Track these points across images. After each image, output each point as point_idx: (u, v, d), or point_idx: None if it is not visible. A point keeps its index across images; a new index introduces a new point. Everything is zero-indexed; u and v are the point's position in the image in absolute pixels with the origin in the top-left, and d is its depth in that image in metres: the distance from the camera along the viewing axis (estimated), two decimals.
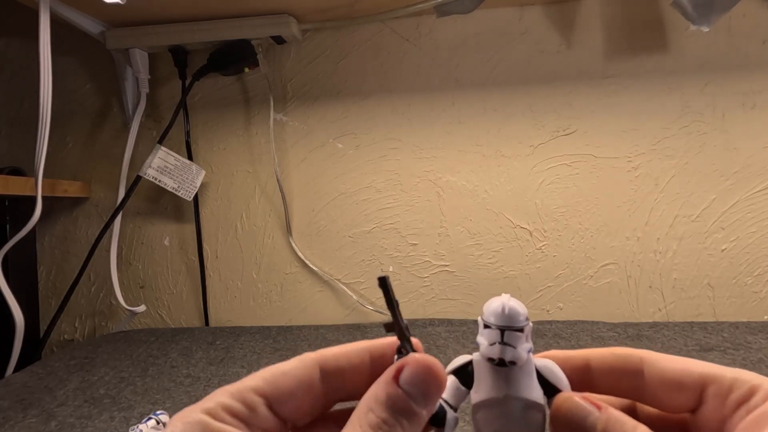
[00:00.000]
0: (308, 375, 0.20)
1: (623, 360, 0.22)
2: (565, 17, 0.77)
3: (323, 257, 0.82)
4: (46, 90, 0.62)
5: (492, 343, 0.21)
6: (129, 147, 0.81)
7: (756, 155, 0.74)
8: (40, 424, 0.48)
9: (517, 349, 0.21)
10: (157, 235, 0.85)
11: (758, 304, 0.74)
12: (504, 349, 0.21)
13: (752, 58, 0.73)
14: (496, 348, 0.21)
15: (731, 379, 0.19)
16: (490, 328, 0.21)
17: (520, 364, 0.21)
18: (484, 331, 0.22)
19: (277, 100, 0.82)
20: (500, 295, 0.22)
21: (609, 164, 0.76)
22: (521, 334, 0.21)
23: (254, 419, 0.19)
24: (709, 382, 0.20)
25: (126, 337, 0.73)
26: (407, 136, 0.80)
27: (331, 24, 0.78)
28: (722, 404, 0.19)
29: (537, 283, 0.79)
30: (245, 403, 0.19)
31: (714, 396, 0.19)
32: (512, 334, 0.21)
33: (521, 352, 0.21)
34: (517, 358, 0.21)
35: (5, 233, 0.74)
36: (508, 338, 0.21)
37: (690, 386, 0.20)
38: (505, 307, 0.21)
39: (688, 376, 0.20)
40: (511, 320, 0.21)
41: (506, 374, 0.21)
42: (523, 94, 0.78)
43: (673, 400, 0.20)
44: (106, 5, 0.68)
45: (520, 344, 0.21)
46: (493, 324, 0.21)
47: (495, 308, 0.21)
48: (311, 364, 0.21)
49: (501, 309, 0.21)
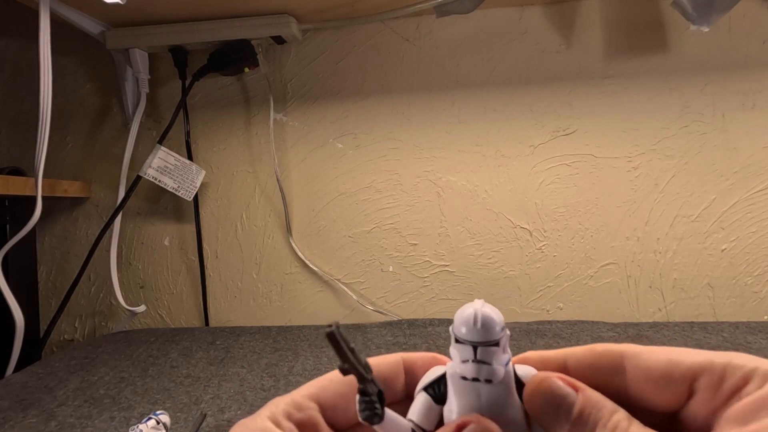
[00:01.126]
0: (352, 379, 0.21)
1: (602, 357, 0.20)
2: (565, 17, 0.77)
3: (323, 257, 0.82)
4: (46, 90, 0.62)
5: (465, 360, 0.19)
6: (129, 147, 0.80)
7: (756, 155, 0.74)
8: (40, 424, 0.48)
9: (493, 365, 0.19)
10: (157, 235, 0.85)
11: (758, 304, 0.74)
12: (478, 368, 0.19)
13: (752, 58, 0.73)
14: (469, 366, 0.19)
15: (722, 366, 0.18)
16: (461, 343, 0.19)
17: (496, 381, 0.19)
18: (456, 345, 0.19)
19: (277, 100, 0.82)
20: (472, 302, 0.20)
21: (609, 164, 0.76)
22: (497, 348, 0.19)
23: (309, 424, 0.20)
24: (698, 373, 0.18)
25: (126, 337, 0.73)
26: (407, 136, 0.80)
27: (331, 24, 0.79)
28: (714, 395, 0.18)
29: (537, 283, 0.79)
30: (301, 409, 0.20)
31: (705, 388, 0.18)
32: (487, 350, 0.19)
33: (497, 368, 0.19)
34: (493, 376, 0.19)
35: (5, 233, 0.74)
36: (482, 355, 0.19)
37: (678, 380, 0.18)
38: (477, 319, 0.19)
39: (675, 369, 0.19)
40: (485, 334, 0.19)
41: (483, 391, 0.19)
42: (523, 94, 0.78)
43: (660, 397, 0.19)
44: (106, 5, 0.68)
45: (496, 359, 0.19)
46: (464, 339, 0.19)
47: (466, 319, 0.19)
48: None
49: (472, 321, 0.19)
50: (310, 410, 0.20)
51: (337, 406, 0.21)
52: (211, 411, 0.49)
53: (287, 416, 0.20)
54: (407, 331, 0.70)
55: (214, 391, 0.54)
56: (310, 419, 0.20)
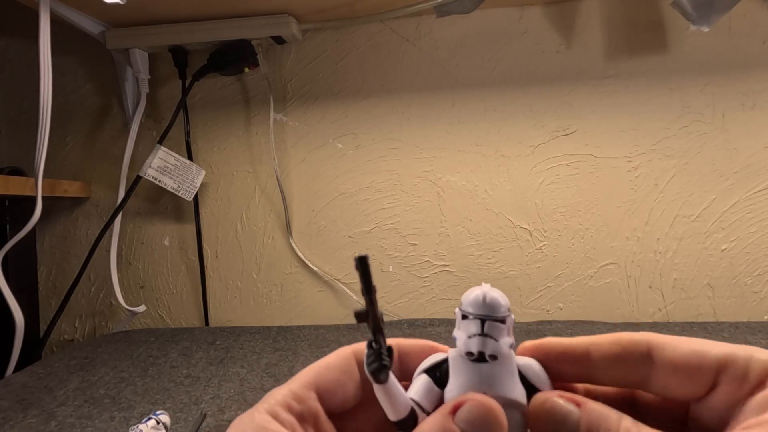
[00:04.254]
0: (348, 365, 0.21)
1: (629, 350, 0.20)
2: (565, 17, 0.77)
3: (323, 257, 0.82)
4: (46, 90, 0.62)
5: (471, 335, 0.19)
6: (129, 147, 0.80)
7: (756, 155, 0.74)
8: (40, 424, 0.48)
9: (499, 342, 0.19)
10: (157, 235, 0.85)
11: (758, 304, 0.74)
12: (484, 341, 0.19)
13: (752, 58, 0.73)
14: (475, 340, 0.19)
15: (745, 359, 0.18)
16: (468, 319, 0.20)
17: (500, 359, 0.19)
18: (462, 323, 0.20)
19: (277, 100, 0.82)
20: (480, 285, 0.20)
21: (609, 164, 0.76)
22: (503, 326, 0.19)
23: (307, 412, 0.20)
24: (723, 365, 0.18)
25: (126, 337, 0.73)
26: (407, 136, 0.80)
27: (331, 24, 0.78)
28: (738, 388, 0.18)
29: (537, 283, 0.79)
30: (300, 400, 0.20)
31: (729, 380, 0.18)
32: (493, 325, 0.19)
33: (502, 345, 0.19)
34: (498, 352, 0.19)
35: (5, 233, 0.74)
36: (489, 329, 0.19)
37: (705, 371, 0.18)
38: (486, 296, 0.19)
39: (702, 361, 0.18)
40: (492, 309, 0.19)
41: (486, 371, 0.19)
42: (523, 94, 0.78)
43: (684, 387, 0.19)
44: (106, 5, 0.68)
45: (502, 337, 0.19)
46: (472, 314, 0.19)
47: (475, 297, 0.20)
48: (349, 355, 0.22)
49: (481, 298, 0.19)
50: (309, 401, 0.20)
51: (335, 392, 0.21)
52: (211, 411, 0.49)
53: (287, 408, 0.19)
54: (407, 331, 0.70)
55: (214, 391, 0.54)
56: (310, 410, 0.20)
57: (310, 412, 0.20)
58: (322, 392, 0.20)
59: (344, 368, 0.21)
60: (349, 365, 0.21)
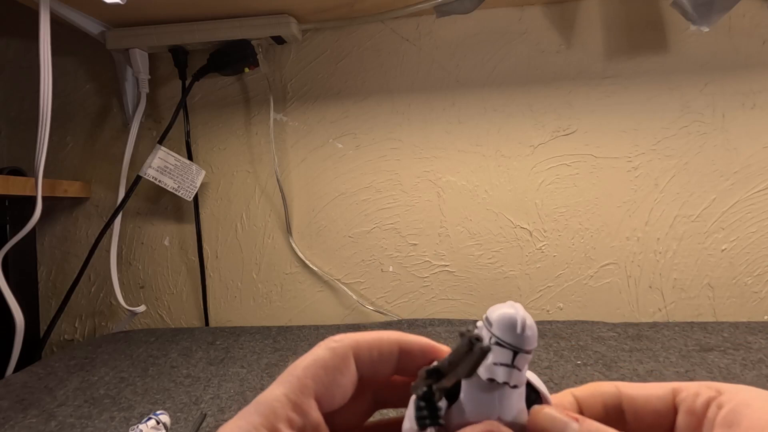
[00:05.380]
0: (345, 364, 0.21)
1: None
2: (565, 17, 0.77)
3: (323, 257, 0.82)
4: (46, 90, 0.62)
5: (498, 363, 0.18)
6: (129, 147, 0.81)
7: (756, 155, 0.74)
8: (40, 424, 0.48)
9: (522, 371, 0.19)
10: (157, 235, 0.85)
11: (758, 304, 0.74)
12: (512, 372, 0.19)
13: (752, 58, 0.73)
14: (502, 371, 0.18)
15: (696, 386, 0.20)
16: (500, 346, 0.19)
17: (521, 387, 0.19)
18: (494, 347, 0.19)
19: (277, 100, 0.82)
20: (507, 304, 0.19)
21: (609, 164, 0.76)
22: (530, 356, 0.19)
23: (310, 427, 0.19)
24: (677, 390, 0.20)
25: (126, 337, 0.73)
26: (407, 136, 0.80)
27: (331, 24, 0.79)
28: (693, 405, 0.20)
29: (537, 283, 0.79)
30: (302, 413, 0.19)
31: (684, 400, 0.20)
32: (524, 357, 0.19)
33: (524, 374, 0.19)
34: (521, 383, 0.19)
35: (5, 233, 0.74)
36: (519, 361, 0.19)
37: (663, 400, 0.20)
38: (524, 326, 0.18)
39: (659, 390, 0.21)
40: (528, 343, 0.19)
41: (500, 395, 0.19)
42: (523, 94, 0.78)
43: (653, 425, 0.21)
44: (106, 5, 0.68)
45: (526, 366, 0.19)
46: (507, 344, 0.18)
47: (509, 324, 0.18)
48: (347, 352, 0.21)
49: (520, 328, 0.18)
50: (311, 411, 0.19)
51: (334, 395, 0.20)
52: (211, 411, 0.49)
53: (288, 424, 0.18)
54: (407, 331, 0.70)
55: (214, 391, 0.54)
56: (312, 423, 0.19)
57: (312, 426, 0.19)
58: (320, 397, 0.20)
59: (342, 368, 0.21)
60: (346, 364, 0.21)
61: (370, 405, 0.23)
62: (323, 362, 0.20)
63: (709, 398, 0.19)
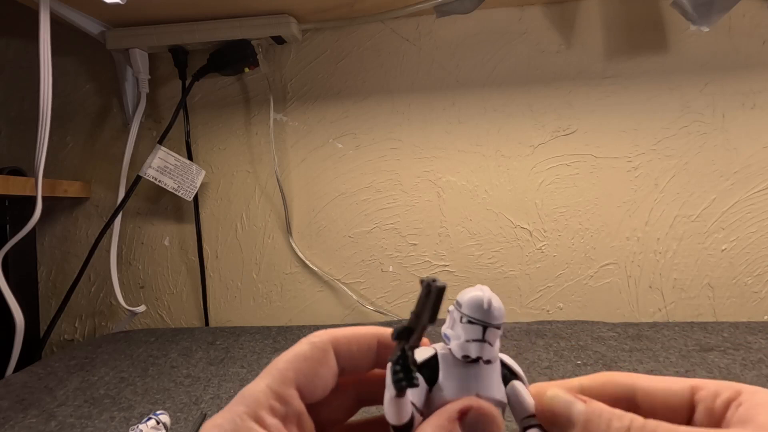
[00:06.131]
0: (326, 357, 0.21)
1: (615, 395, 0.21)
2: (565, 17, 0.77)
3: (323, 257, 0.82)
4: (46, 90, 0.62)
5: (470, 339, 0.20)
6: (129, 147, 0.81)
7: (756, 155, 0.74)
8: (40, 424, 0.48)
9: (494, 347, 0.20)
10: (157, 235, 0.85)
11: (758, 304, 0.74)
12: (483, 346, 0.20)
13: (752, 58, 0.73)
14: (474, 345, 0.20)
15: (715, 385, 0.20)
16: (471, 324, 0.20)
17: (494, 362, 0.20)
18: (462, 325, 0.20)
19: (277, 100, 0.82)
20: (476, 287, 0.20)
21: (609, 164, 0.76)
22: (499, 332, 0.20)
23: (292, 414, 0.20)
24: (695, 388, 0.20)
25: (126, 337, 0.73)
26: (407, 136, 0.80)
27: (331, 24, 0.79)
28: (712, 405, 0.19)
29: (537, 283, 0.79)
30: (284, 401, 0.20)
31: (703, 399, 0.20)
32: (493, 332, 0.20)
33: (496, 350, 0.20)
34: (493, 357, 0.20)
35: (5, 233, 0.74)
36: (489, 336, 0.20)
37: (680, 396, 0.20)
38: (490, 304, 0.20)
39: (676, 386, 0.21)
40: (495, 317, 0.20)
41: (478, 373, 0.20)
42: (523, 94, 0.78)
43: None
44: (106, 5, 0.68)
45: (496, 342, 0.20)
46: (476, 319, 0.20)
47: (477, 302, 0.20)
48: (326, 346, 0.22)
49: (485, 304, 0.20)
50: (293, 400, 0.20)
51: (315, 386, 0.21)
52: (211, 411, 0.49)
53: (271, 411, 0.19)
54: None
55: (214, 391, 0.54)
56: (294, 411, 0.20)
57: (294, 413, 0.20)
58: (302, 388, 0.20)
59: (322, 360, 0.21)
60: (326, 357, 0.21)
61: (353, 401, 0.23)
62: (303, 355, 0.21)
63: (728, 398, 0.19)
